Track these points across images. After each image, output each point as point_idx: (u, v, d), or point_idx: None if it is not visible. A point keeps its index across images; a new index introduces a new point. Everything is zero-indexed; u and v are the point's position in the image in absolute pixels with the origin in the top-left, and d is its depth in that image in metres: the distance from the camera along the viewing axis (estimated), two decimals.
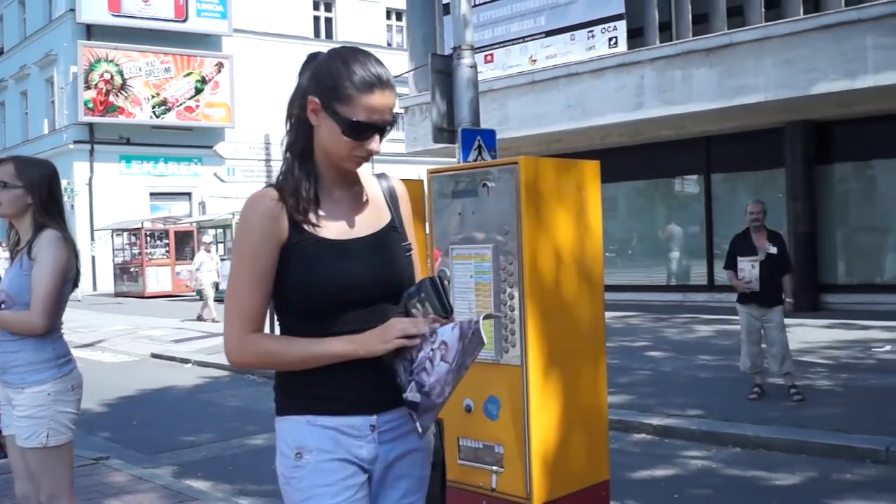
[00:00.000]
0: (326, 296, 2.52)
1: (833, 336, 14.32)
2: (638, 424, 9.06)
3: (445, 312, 2.54)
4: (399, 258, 2.69)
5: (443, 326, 2.50)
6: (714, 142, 20.47)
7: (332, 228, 2.58)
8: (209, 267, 22.96)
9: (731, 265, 10.16)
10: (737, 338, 12.91)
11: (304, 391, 2.61)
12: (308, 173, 2.58)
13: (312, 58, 2.64)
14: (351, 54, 2.56)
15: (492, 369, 4.27)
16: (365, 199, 2.70)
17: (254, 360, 2.62)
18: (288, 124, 2.64)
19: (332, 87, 2.50)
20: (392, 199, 2.78)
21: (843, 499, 6.69)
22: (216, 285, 22.90)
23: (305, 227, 2.55)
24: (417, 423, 2.53)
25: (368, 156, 2.58)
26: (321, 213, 2.58)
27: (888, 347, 12.86)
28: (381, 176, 2.85)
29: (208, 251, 23.74)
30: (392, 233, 2.71)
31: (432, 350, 2.46)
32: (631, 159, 21.24)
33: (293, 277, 2.54)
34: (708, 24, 18.94)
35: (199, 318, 22.51)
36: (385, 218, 2.72)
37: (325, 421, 2.57)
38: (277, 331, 2.75)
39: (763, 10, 18.11)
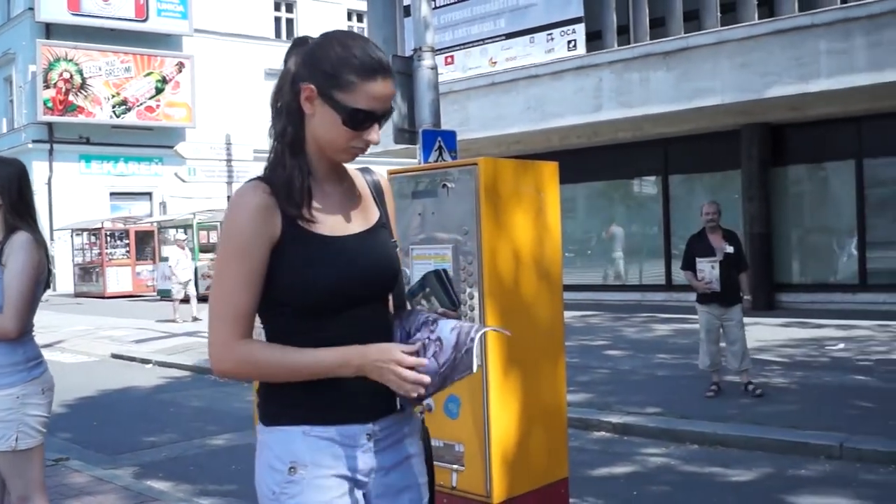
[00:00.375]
0: (325, 294, 2.35)
1: (788, 334, 14.48)
2: (597, 422, 9.11)
3: (454, 305, 2.47)
4: (392, 255, 2.55)
5: (445, 319, 2.39)
6: (671, 143, 20.63)
7: (326, 224, 2.42)
8: (185, 265, 22.59)
9: (688, 266, 10.23)
10: (694, 336, 13.03)
11: (296, 399, 2.40)
12: (301, 165, 2.40)
13: (301, 42, 2.47)
14: (349, 38, 2.38)
15: None
16: (356, 193, 2.56)
17: (241, 370, 2.39)
18: (274, 112, 2.46)
19: (330, 73, 2.33)
20: (378, 194, 2.65)
21: (799, 494, 6.77)
22: (188, 283, 22.61)
23: (299, 222, 2.37)
24: (398, 398, 2.43)
25: (366, 147, 2.43)
26: (315, 207, 2.41)
27: (842, 345, 13.02)
28: (364, 170, 2.69)
29: (182, 248, 23.33)
30: (382, 229, 2.57)
31: (429, 339, 2.35)
32: (589, 161, 21.36)
33: (288, 276, 2.36)
34: (665, 27, 19.11)
35: (195, 319, 21.65)
36: (375, 214, 2.58)
37: (321, 431, 2.39)
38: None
39: (719, 14, 18.30)
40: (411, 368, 2.29)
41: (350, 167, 2.62)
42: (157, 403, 11.83)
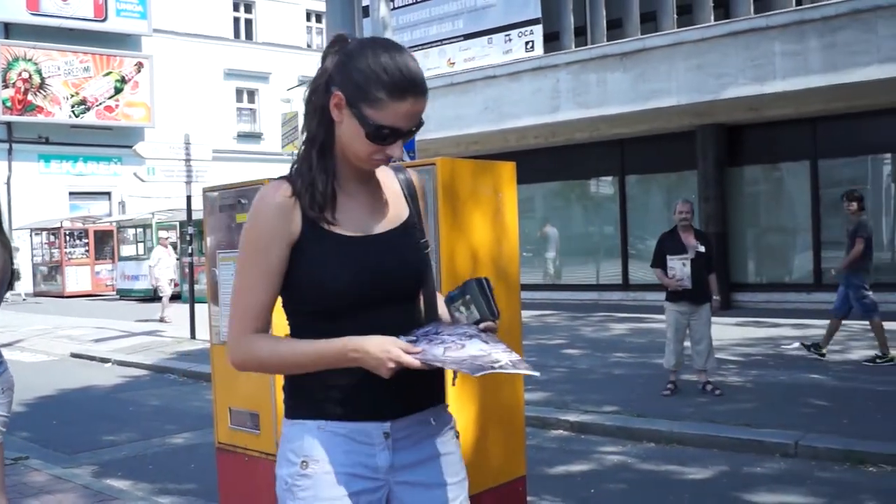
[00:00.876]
0: (338, 296, 2.36)
1: (744, 334, 14.59)
2: (555, 421, 9.15)
3: (493, 316, 2.42)
4: (417, 256, 2.53)
5: (481, 339, 2.31)
6: (628, 144, 20.76)
7: (347, 225, 2.42)
8: (167, 263, 22.19)
9: (659, 263, 10.19)
10: (650, 335, 13.15)
11: (315, 394, 2.42)
12: (326, 168, 2.40)
13: (339, 40, 2.43)
14: (385, 50, 2.34)
15: None
16: (383, 193, 2.54)
17: (251, 363, 2.42)
18: (309, 110, 2.44)
19: (361, 85, 2.31)
20: (411, 193, 2.62)
21: (754, 492, 6.83)
22: (172, 282, 22.40)
23: (320, 223, 2.39)
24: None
25: (388, 160, 2.40)
26: (337, 208, 2.42)
27: (797, 344, 13.14)
28: (398, 168, 2.66)
29: (165, 247, 23.03)
30: (411, 229, 2.55)
31: (454, 342, 2.29)
32: (547, 161, 21.46)
33: (304, 276, 2.38)
34: (622, 29, 19.25)
35: (161, 321, 21.16)
36: (403, 213, 2.56)
37: (336, 427, 2.40)
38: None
39: (675, 16, 18.46)
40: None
41: (384, 167, 2.59)
42: (116, 402, 11.78)
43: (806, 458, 7.68)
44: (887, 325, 11.71)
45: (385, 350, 2.25)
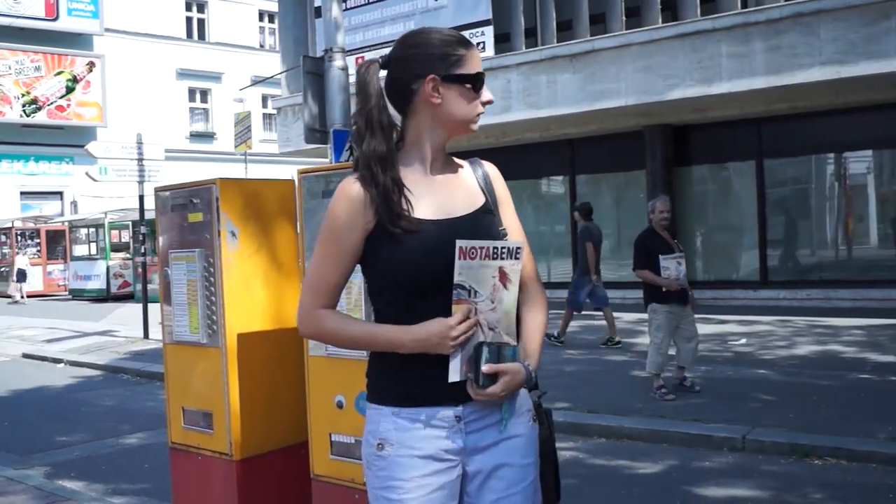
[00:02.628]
0: (409, 276, 2.48)
1: None
2: None
3: (476, 381, 2.44)
4: (489, 237, 2.57)
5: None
6: (577, 144, 20.91)
7: (422, 210, 2.54)
8: None
9: (646, 265, 9.86)
10: (600, 332, 13.23)
11: (389, 380, 2.59)
12: (394, 178, 2.54)
13: (370, 62, 2.70)
14: (425, 31, 2.64)
15: (363, 366, 4.31)
16: (459, 182, 2.69)
17: (315, 334, 2.67)
18: (365, 132, 2.59)
19: (441, 56, 2.55)
20: (486, 183, 2.75)
21: (703, 485, 6.93)
22: None
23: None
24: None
25: (483, 109, 2.65)
26: (413, 195, 2.55)
27: (743, 340, 13.31)
28: (473, 161, 2.82)
29: None
30: (486, 215, 2.67)
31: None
32: (498, 161, 20.79)
33: (380, 258, 2.53)
34: (572, 31, 19.33)
35: None
36: (479, 200, 2.68)
37: (410, 413, 2.53)
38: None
39: (623, 18, 18.58)
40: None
41: (459, 160, 2.78)
42: (68, 403, 11.71)
43: (753, 451, 7.80)
44: (832, 321, 11.88)
45: (443, 329, 2.41)
